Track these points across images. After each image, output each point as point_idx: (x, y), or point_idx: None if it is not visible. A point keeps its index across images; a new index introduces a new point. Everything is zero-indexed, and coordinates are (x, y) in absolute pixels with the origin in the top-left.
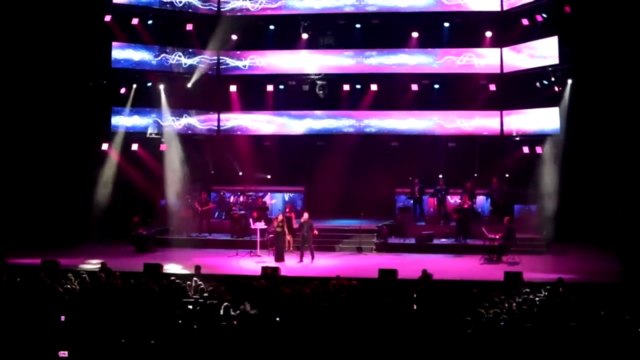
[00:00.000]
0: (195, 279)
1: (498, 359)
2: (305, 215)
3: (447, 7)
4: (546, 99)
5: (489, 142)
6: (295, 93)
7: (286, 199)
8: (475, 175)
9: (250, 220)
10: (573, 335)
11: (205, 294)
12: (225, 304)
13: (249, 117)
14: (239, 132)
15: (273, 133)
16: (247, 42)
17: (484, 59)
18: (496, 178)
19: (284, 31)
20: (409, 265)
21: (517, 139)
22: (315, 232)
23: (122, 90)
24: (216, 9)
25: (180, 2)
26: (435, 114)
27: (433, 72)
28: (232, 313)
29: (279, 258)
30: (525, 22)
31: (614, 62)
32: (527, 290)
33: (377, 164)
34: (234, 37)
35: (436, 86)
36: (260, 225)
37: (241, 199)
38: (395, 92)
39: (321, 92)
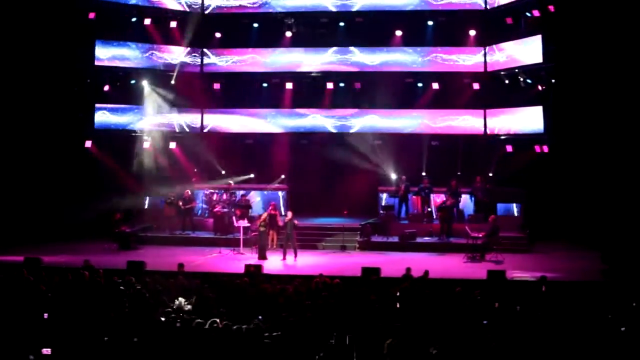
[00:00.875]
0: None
1: (481, 357)
2: (289, 214)
3: (432, 6)
4: (530, 98)
5: (472, 141)
6: (278, 91)
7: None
8: (459, 173)
9: (234, 218)
10: (556, 334)
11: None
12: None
13: (232, 115)
14: (221, 130)
15: (256, 131)
16: (231, 39)
17: (467, 58)
18: (480, 177)
19: (268, 29)
20: (392, 263)
21: (501, 137)
22: (296, 221)
23: (106, 88)
24: (200, 7)
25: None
26: (419, 113)
27: (417, 70)
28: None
29: (262, 256)
30: (509, 21)
31: (598, 61)
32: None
33: (360, 162)
34: (218, 34)
35: (420, 84)
36: (244, 223)
37: (224, 196)
38: (378, 90)
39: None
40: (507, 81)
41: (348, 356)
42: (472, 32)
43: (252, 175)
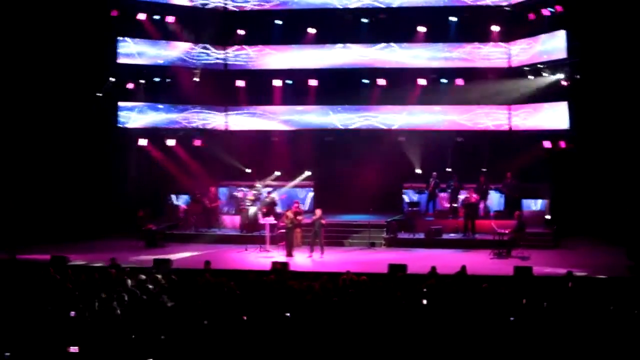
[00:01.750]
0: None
1: (508, 354)
2: (318, 212)
3: (455, 2)
4: (554, 94)
5: (497, 137)
6: (302, 88)
7: (303, 195)
8: (485, 170)
9: (260, 215)
10: (582, 330)
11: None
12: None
13: (256, 112)
14: (245, 128)
15: (281, 129)
16: (255, 37)
17: (491, 54)
18: (510, 173)
19: (291, 26)
20: (418, 260)
21: (526, 134)
22: (324, 221)
23: (130, 86)
24: (224, 4)
25: None
26: (444, 109)
27: (441, 66)
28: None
29: (289, 253)
30: (532, 16)
31: (623, 55)
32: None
33: (385, 159)
34: (241, 32)
35: (444, 81)
36: (270, 220)
37: (250, 194)
38: (403, 86)
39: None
40: (531, 77)
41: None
42: (496, 28)
43: (278, 173)
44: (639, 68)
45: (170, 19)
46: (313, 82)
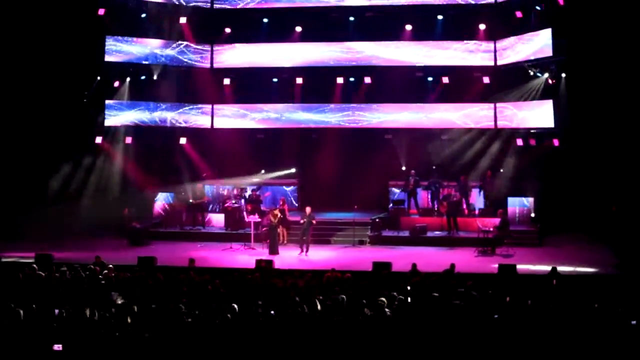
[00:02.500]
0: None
1: (492, 352)
2: (308, 209)
3: (442, 0)
4: (540, 92)
5: (482, 135)
6: (288, 86)
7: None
8: (469, 168)
9: (245, 213)
10: (567, 327)
11: None
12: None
13: (243, 110)
14: (231, 126)
15: (266, 126)
16: (240, 34)
17: (477, 52)
18: (490, 171)
19: (277, 24)
20: (403, 258)
21: (511, 132)
22: (314, 221)
23: (116, 84)
24: (209, 2)
25: None
26: (429, 107)
27: (426, 64)
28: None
29: (273, 251)
30: (519, 14)
31: (609, 54)
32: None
33: (370, 156)
34: (227, 30)
35: (430, 79)
36: (254, 218)
37: (235, 192)
38: (388, 84)
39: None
40: (517, 75)
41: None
42: (482, 26)
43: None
44: (625, 66)
45: (156, 17)
46: (299, 80)
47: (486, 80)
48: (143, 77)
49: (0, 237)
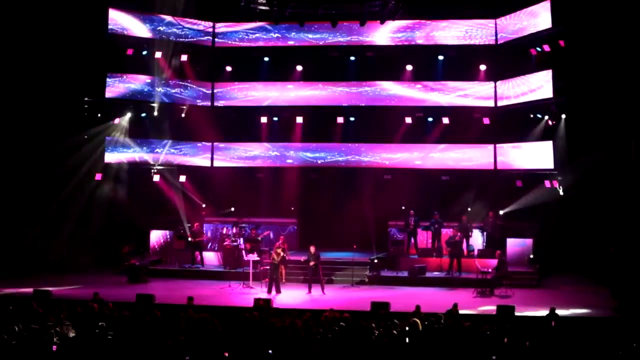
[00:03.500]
0: None
1: None
2: (312, 248)
3: (443, 41)
4: (540, 133)
5: (482, 176)
6: (289, 124)
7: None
8: (469, 209)
9: (243, 252)
10: None
11: None
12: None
13: (243, 148)
14: (232, 164)
15: (266, 165)
16: (240, 73)
17: (477, 93)
18: (492, 212)
19: (278, 63)
20: (402, 298)
21: (511, 172)
22: (314, 262)
23: (116, 121)
24: (211, 40)
25: (180, 33)
26: (429, 147)
27: (426, 105)
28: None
29: (277, 290)
30: (519, 56)
31: (609, 96)
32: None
33: (370, 196)
34: (228, 68)
35: (430, 119)
36: (253, 257)
37: (234, 230)
38: (388, 124)
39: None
40: (517, 116)
41: None
42: (483, 67)
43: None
44: (623, 108)
45: (157, 54)
46: (299, 119)
47: (486, 121)
48: (143, 115)
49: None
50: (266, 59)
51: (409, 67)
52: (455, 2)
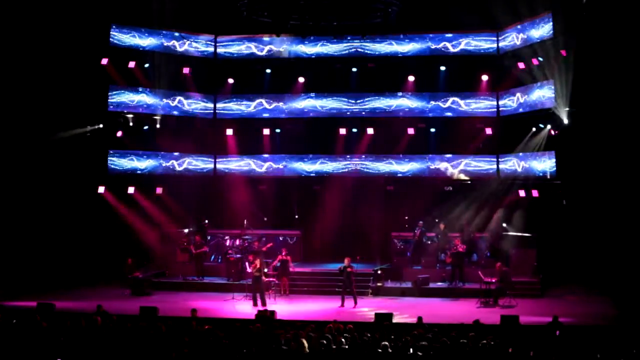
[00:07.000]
0: None
1: None
2: (347, 260)
3: (445, 51)
4: (542, 143)
5: (485, 186)
6: (292, 136)
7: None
8: (473, 219)
9: (247, 264)
10: None
11: None
12: None
13: (245, 160)
14: (234, 176)
15: (269, 176)
16: (244, 85)
17: (480, 103)
18: (495, 222)
19: (281, 75)
20: (405, 309)
21: (513, 183)
22: (351, 268)
23: (119, 134)
24: (213, 52)
25: (182, 46)
26: (432, 158)
27: (429, 115)
28: None
29: (256, 303)
30: (521, 65)
31: (612, 106)
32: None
33: (373, 207)
34: (230, 80)
35: (432, 130)
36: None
37: (237, 242)
38: (391, 135)
39: None
40: (519, 126)
41: None
42: (485, 77)
43: (265, 219)
44: (627, 117)
45: (160, 67)
46: (301, 131)
47: (489, 131)
48: (146, 127)
49: (2, 285)
50: (268, 70)
51: (411, 78)
52: (456, 14)
